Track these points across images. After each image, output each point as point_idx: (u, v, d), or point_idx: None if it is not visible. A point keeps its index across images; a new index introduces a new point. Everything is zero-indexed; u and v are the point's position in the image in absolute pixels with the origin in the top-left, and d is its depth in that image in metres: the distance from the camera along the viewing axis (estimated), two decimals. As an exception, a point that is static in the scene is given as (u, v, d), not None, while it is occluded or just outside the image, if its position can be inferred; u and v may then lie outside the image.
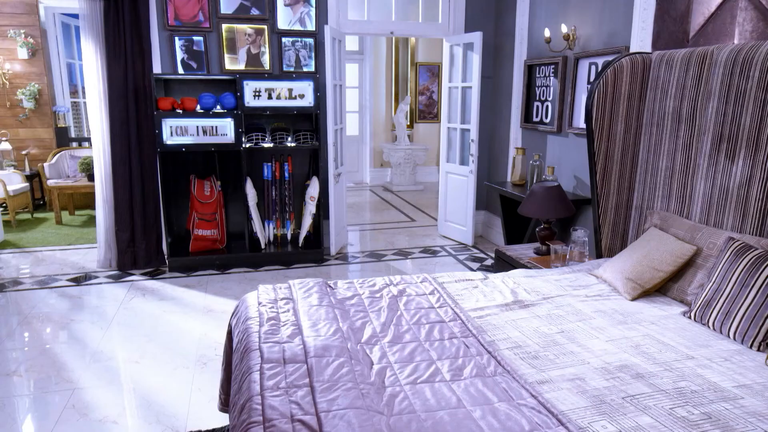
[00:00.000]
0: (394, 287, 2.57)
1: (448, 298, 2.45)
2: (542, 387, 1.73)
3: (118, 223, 4.87)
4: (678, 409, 1.61)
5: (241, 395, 1.72)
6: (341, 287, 2.58)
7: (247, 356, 1.90)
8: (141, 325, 3.76)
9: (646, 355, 1.96)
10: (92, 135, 4.83)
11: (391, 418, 1.54)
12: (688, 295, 2.43)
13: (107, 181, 4.83)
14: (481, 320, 2.26)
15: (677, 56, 2.74)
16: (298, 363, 1.80)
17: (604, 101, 2.89)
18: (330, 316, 2.17)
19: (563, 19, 4.40)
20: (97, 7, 4.58)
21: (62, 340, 3.55)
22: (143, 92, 4.77)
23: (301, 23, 5.15)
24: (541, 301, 2.46)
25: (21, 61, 7.56)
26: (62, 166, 7.41)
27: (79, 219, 6.96)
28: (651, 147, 2.90)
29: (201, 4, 4.91)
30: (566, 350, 2.00)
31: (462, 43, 5.41)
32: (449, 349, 1.97)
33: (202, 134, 4.70)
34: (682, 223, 2.64)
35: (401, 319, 2.22)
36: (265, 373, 1.74)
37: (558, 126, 4.54)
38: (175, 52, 4.94)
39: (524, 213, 3.43)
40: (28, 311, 4.00)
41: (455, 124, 5.67)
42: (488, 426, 1.50)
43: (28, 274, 4.81)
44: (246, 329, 2.13)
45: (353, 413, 1.50)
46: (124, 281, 4.63)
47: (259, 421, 1.50)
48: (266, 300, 2.37)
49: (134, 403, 2.82)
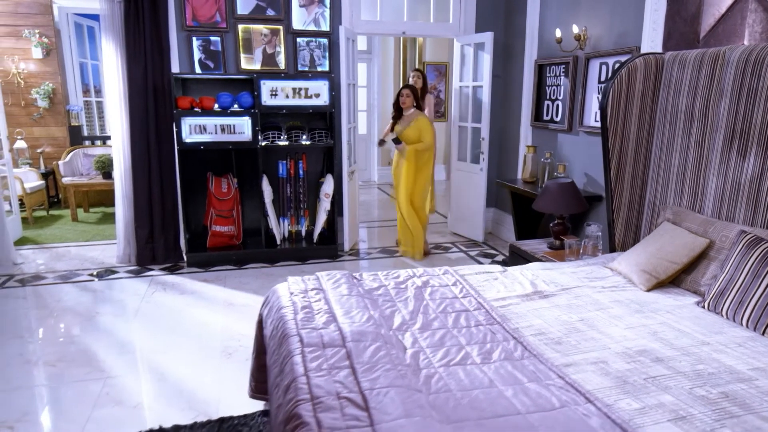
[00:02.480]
0: (418, 279, 2.68)
1: (471, 288, 2.56)
2: (568, 369, 1.84)
3: (137, 220, 4.98)
4: (697, 389, 1.72)
5: (284, 377, 1.83)
6: (367, 279, 2.69)
7: (286, 341, 2.01)
8: (164, 318, 3.87)
9: (663, 341, 2.06)
10: (112, 133, 4.94)
11: (430, 396, 1.64)
12: (701, 286, 2.53)
13: (127, 178, 4.94)
14: (503, 309, 2.36)
15: (690, 56, 2.84)
16: (337, 347, 1.91)
17: (618, 100, 2.99)
18: (361, 305, 2.28)
19: (574, 19, 4.50)
20: (117, 8, 4.69)
21: (90, 331, 3.66)
22: (162, 91, 4.87)
23: (315, 24, 5.26)
24: (559, 291, 2.57)
25: (35, 60, 7.67)
26: (76, 164, 7.53)
27: (94, 216, 7.08)
28: (664, 144, 3.01)
29: (218, 5, 5.02)
30: (587, 336, 2.11)
31: (473, 43, 5.51)
32: (476, 335, 2.08)
33: (220, 132, 4.81)
34: (694, 218, 2.74)
35: (428, 308, 2.33)
36: (306, 356, 1.85)
37: (569, 124, 4.64)
38: (192, 52, 5.05)
39: (539, 208, 3.53)
40: (53, 305, 4.11)
41: (466, 123, 5.77)
42: (521, 403, 1.61)
43: (50, 269, 4.92)
44: (281, 317, 2.23)
45: (395, 391, 1.60)
46: (144, 276, 4.74)
47: (307, 398, 1.61)
48: (297, 290, 2.48)
49: (166, 390, 2.93)
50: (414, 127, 4.97)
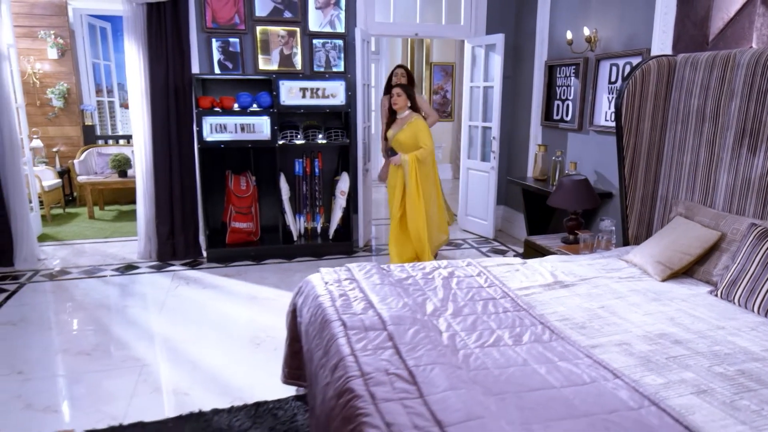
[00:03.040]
0: (444, 270, 2.82)
1: (495, 279, 2.70)
2: (594, 350, 1.98)
3: (158, 217, 5.12)
4: (715, 367, 1.86)
5: (330, 357, 1.96)
6: (395, 270, 2.83)
7: (328, 326, 2.15)
8: (190, 311, 4.00)
9: (681, 326, 2.20)
10: (133, 132, 5.08)
11: (470, 372, 1.78)
12: (713, 276, 2.67)
13: (148, 176, 5.08)
14: (528, 297, 2.50)
15: (701, 59, 2.98)
16: (378, 330, 2.05)
17: (632, 100, 3.13)
18: (394, 293, 2.41)
19: (584, 22, 4.64)
20: (140, 10, 4.82)
21: (120, 323, 3.79)
22: (182, 91, 5.01)
23: (331, 25, 5.40)
24: (579, 282, 2.71)
25: (50, 61, 7.81)
26: (90, 163, 7.66)
27: (110, 214, 7.21)
28: (676, 142, 3.15)
29: (237, 8, 5.15)
30: (609, 322, 2.25)
31: (484, 44, 5.65)
32: (506, 320, 2.22)
33: (240, 131, 4.95)
34: (706, 212, 2.88)
35: (457, 296, 2.47)
36: (351, 338, 1.99)
37: (579, 124, 4.78)
38: (212, 53, 5.18)
39: (554, 204, 3.67)
40: (82, 298, 4.25)
41: (476, 122, 5.91)
42: (554, 379, 1.75)
43: (73, 264, 5.06)
44: (319, 305, 2.37)
45: (439, 368, 1.74)
46: (167, 271, 4.87)
47: (357, 375, 1.74)
48: (331, 280, 2.61)
49: (200, 377, 3.07)
50: (408, 130, 4.44)
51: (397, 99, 4.47)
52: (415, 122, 4.45)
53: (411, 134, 4.43)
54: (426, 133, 4.46)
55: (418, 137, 4.43)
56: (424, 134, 4.45)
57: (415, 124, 4.44)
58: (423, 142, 4.43)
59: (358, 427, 1.52)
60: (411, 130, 4.43)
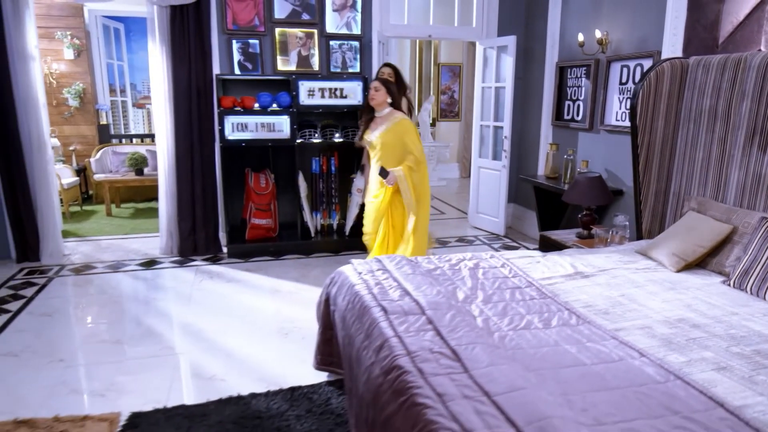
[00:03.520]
0: (469, 261, 2.97)
1: (518, 269, 2.85)
2: (618, 333, 2.12)
3: (180, 213, 5.26)
4: (732, 348, 2.01)
5: (373, 340, 2.11)
6: (422, 261, 2.97)
7: (368, 312, 2.29)
8: (217, 303, 4.15)
9: (697, 312, 2.35)
10: (156, 131, 5.22)
11: (507, 351, 1.93)
12: (725, 267, 2.82)
13: (170, 174, 5.22)
14: (551, 287, 2.65)
15: (713, 61, 3.13)
16: (417, 315, 2.19)
17: (647, 100, 3.28)
18: (426, 282, 2.56)
19: (595, 24, 4.79)
20: (164, 12, 4.96)
21: (151, 315, 3.94)
22: (204, 91, 5.15)
23: (347, 27, 5.54)
24: (598, 272, 2.86)
25: (67, 61, 7.96)
26: (105, 161, 7.81)
27: (127, 211, 7.36)
28: (688, 140, 3.30)
29: (257, 10, 5.30)
30: (630, 308, 2.40)
31: (496, 46, 5.80)
32: (533, 307, 2.37)
33: (261, 130, 5.09)
34: (718, 207, 3.03)
35: (484, 285, 2.62)
36: (393, 321, 2.13)
37: (590, 123, 4.93)
38: (232, 54, 5.33)
39: (569, 200, 3.82)
40: (110, 291, 4.40)
41: (488, 122, 6.06)
42: (585, 357, 1.90)
43: (97, 259, 5.20)
44: (356, 293, 2.52)
45: (479, 347, 1.89)
46: (189, 266, 5.02)
47: (404, 353, 1.89)
48: (365, 270, 2.76)
49: (234, 365, 3.21)
50: (393, 131, 3.83)
51: (375, 94, 3.87)
52: (401, 122, 3.87)
53: (396, 136, 3.84)
54: (414, 135, 3.91)
55: (404, 140, 3.83)
56: (412, 136, 3.88)
57: (401, 125, 3.87)
58: (411, 146, 3.84)
59: (411, 399, 1.66)
60: (396, 131, 3.84)
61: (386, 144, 3.87)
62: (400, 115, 3.93)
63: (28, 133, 4.89)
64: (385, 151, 3.89)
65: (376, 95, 3.88)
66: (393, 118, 3.90)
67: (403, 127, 3.87)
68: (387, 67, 4.56)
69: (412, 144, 3.87)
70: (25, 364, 3.21)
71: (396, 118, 3.90)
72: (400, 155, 3.86)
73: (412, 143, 3.87)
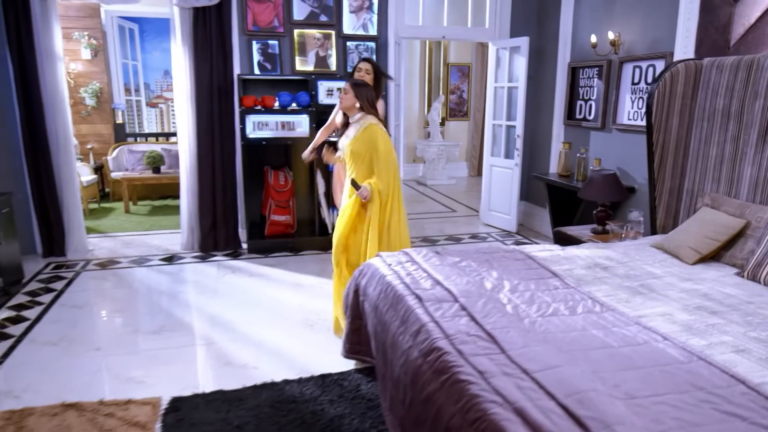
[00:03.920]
0: (492, 254, 3.09)
1: (540, 262, 2.97)
2: (641, 319, 2.25)
3: (201, 210, 5.39)
4: (750, 333, 2.13)
5: (409, 326, 2.24)
6: (447, 254, 3.10)
7: (402, 300, 2.43)
8: (242, 296, 4.28)
9: (714, 300, 2.48)
10: (178, 130, 5.36)
11: (538, 335, 2.06)
12: (739, 259, 2.94)
13: (192, 171, 5.35)
14: (573, 278, 2.78)
15: (727, 62, 3.25)
16: (450, 302, 2.32)
17: (662, 100, 3.41)
18: (455, 272, 2.69)
19: (608, 26, 4.91)
20: (187, 14, 5.10)
21: (179, 307, 4.07)
22: (225, 91, 5.29)
23: (363, 28, 5.67)
24: (616, 265, 2.98)
25: (84, 61, 8.11)
26: (121, 159, 7.96)
27: (144, 208, 7.50)
28: (702, 139, 3.42)
29: (276, 12, 5.43)
30: (650, 297, 2.52)
31: (509, 47, 5.92)
32: (558, 295, 2.50)
33: (280, 129, 5.23)
34: (731, 202, 3.16)
35: (510, 276, 2.75)
36: (428, 308, 2.26)
37: (602, 123, 5.05)
38: (252, 55, 5.46)
39: (585, 197, 3.95)
40: (137, 285, 4.53)
41: (500, 121, 6.19)
42: (612, 340, 2.02)
43: (121, 254, 5.35)
44: (388, 283, 2.65)
45: (513, 330, 2.02)
46: (211, 261, 5.15)
47: (442, 336, 2.02)
48: (394, 262, 2.89)
49: (264, 354, 3.34)
50: (362, 138, 3.34)
51: (343, 96, 3.44)
52: (369, 128, 3.34)
53: (364, 144, 3.35)
54: (383, 145, 3.35)
55: (370, 148, 3.34)
56: (380, 145, 3.34)
57: (369, 131, 3.34)
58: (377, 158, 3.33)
59: (453, 377, 1.79)
60: (364, 138, 3.35)
61: (354, 153, 3.38)
62: (370, 120, 3.38)
63: (55, 131, 5.03)
64: (354, 161, 3.41)
65: (344, 98, 3.43)
66: (362, 122, 3.38)
67: (371, 134, 3.33)
68: (365, 62, 4.16)
69: (377, 155, 3.33)
70: (65, 352, 3.35)
71: (364, 124, 3.37)
72: (368, 164, 3.38)
73: (378, 155, 3.33)
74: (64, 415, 2.67)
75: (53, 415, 2.67)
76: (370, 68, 4.09)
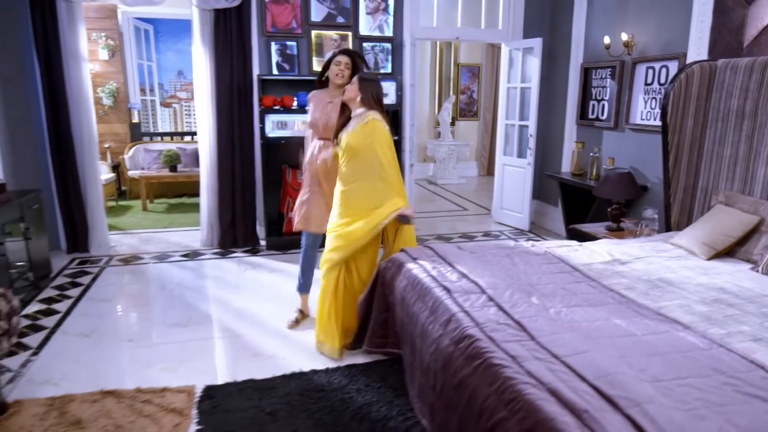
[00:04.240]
0: (513, 249, 3.20)
1: (560, 257, 3.07)
2: (661, 310, 2.35)
3: (220, 207, 5.51)
4: (766, 323, 2.23)
5: (439, 315, 2.35)
6: (469, 249, 3.20)
7: (430, 292, 2.53)
8: (264, 291, 4.39)
9: (731, 293, 2.57)
10: (198, 129, 5.47)
11: (564, 324, 2.16)
12: (753, 255, 3.04)
13: (212, 169, 5.47)
14: (593, 271, 2.88)
15: (741, 64, 3.35)
16: (478, 293, 2.43)
17: (677, 101, 3.50)
18: (478, 266, 2.80)
19: (621, 27, 5.00)
20: (208, 16, 5.22)
21: (203, 301, 4.19)
22: (244, 91, 5.41)
23: (379, 29, 5.78)
24: (633, 260, 3.08)
25: (101, 61, 8.24)
26: (137, 158, 8.09)
27: (161, 206, 7.63)
28: (716, 138, 3.51)
29: (294, 13, 5.55)
30: (668, 290, 2.62)
31: (522, 48, 6.02)
32: (580, 288, 2.60)
33: (299, 128, 5.34)
34: (745, 200, 3.25)
35: (532, 269, 2.85)
36: (457, 299, 2.37)
37: (615, 122, 5.14)
38: (271, 55, 5.58)
39: (601, 195, 4.04)
40: (161, 280, 4.65)
41: (513, 121, 6.29)
42: (635, 329, 2.12)
43: (143, 251, 5.47)
44: (414, 276, 2.75)
45: (541, 319, 2.12)
46: (231, 257, 5.27)
47: (473, 325, 2.13)
48: (419, 256, 2.99)
49: (290, 345, 3.45)
50: (361, 133, 3.05)
51: (350, 88, 3.16)
52: (372, 123, 3.06)
53: (363, 137, 3.05)
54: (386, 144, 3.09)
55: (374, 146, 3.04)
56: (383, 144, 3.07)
57: (372, 125, 3.05)
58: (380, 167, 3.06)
59: (486, 361, 1.90)
60: (365, 131, 3.05)
61: (350, 147, 3.05)
62: (372, 115, 3.08)
63: (80, 130, 5.16)
64: (348, 156, 3.08)
65: (349, 88, 3.16)
66: (363, 117, 3.09)
67: (372, 129, 3.04)
68: (344, 55, 3.50)
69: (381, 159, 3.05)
70: (97, 343, 3.47)
71: (365, 118, 3.07)
72: (368, 166, 3.05)
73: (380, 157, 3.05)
74: (103, 402, 2.79)
75: (93, 402, 2.79)
76: (349, 62, 3.47)
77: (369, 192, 3.07)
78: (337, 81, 3.46)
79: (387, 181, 3.09)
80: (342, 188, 3.16)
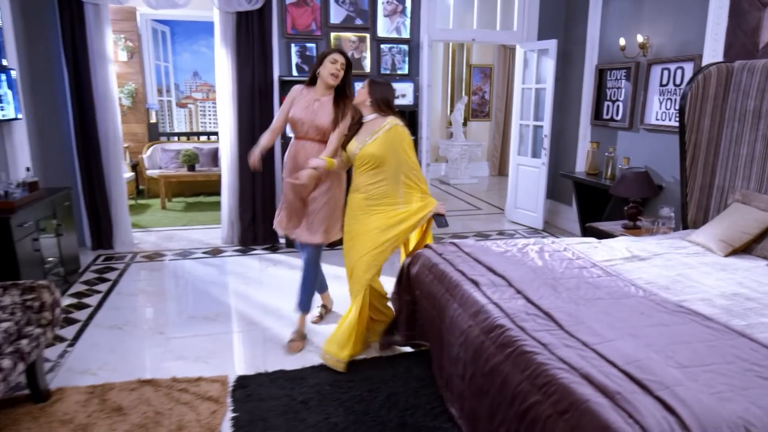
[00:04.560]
0: (534, 246, 3.29)
1: (580, 253, 3.16)
2: (683, 303, 2.44)
3: (241, 206, 5.63)
4: (786, 316, 2.31)
5: (468, 307, 2.45)
6: (491, 246, 3.30)
7: (459, 285, 2.63)
8: (287, 287, 4.49)
9: (749, 288, 2.66)
10: (220, 129, 5.60)
11: (590, 315, 2.25)
12: (770, 252, 3.12)
13: (232, 168, 5.59)
14: (613, 267, 2.97)
15: (758, 65, 3.43)
16: (505, 286, 2.53)
17: (694, 101, 3.58)
18: (502, 261, 2.89)
19: (636, 29, 5.08)
20: (230, 18, 5.34)
21: (228, 296, 4.30)
22: (265, 91, 5.52)
23: (397, 31, 5.89)
24: (652, 256, 3.17)
25: (120, 62, 8.38)
26: (155, 158, 8.24)
27: (179, 205, 7.76)
28: (733, 138, 3.59)
29: (314, 16, 5.66)
30: (688, 285, 2.71)
31: (537, 49, 6.11)
32: (602, 283, 2.69)
33: (318, 128, 5.44)
34: (762, 198, 3.33)
35: (553, 265, 2.94)
36: (485, 292, 2.47)
37: (630, 123, 5.22)
38: (290, 57, 5.70)
39: (617, 194, 4.13)
40: (186, 275, 4.78)
41: (528, 121, 6.37)
42: (658, 321, 2.21)
43: (165, 248, 5.60)
44: (442, 271, 2.85)
45: (568, 310, 2.22)
46: (252, 254, 5.39)
47: (502, 315, 2.22)
48: (444, 252, 3.09)
49: (317, 338, 3.54)
50: (386, 142, 3.04)
51: (360, 91, 3.12)
52: (394, 129, 3.04)
53: (390, 145, 3.05)
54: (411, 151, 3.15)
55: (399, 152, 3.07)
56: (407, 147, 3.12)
57: (395, 132, 3.04)
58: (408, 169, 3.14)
59: (518, 349, 1.99)
60: (390, 139, 3.03)
61: (375, 157, 3.05)
62: (394, 120, 3.06)
63: (105, 129, 5.29)
64: (372, 166, 3.09)
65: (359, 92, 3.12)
66: (383, 124, 3.05)
67: (396, 136, 3.05)
68: (341, 55, 3.27)
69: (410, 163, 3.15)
70: (130, 335, 3.59)
71: (386, 125, 3.04)
72: (394, 174, 3.10)
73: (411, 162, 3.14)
74: (141, 390, 2.90)
75: (132, 390, 2.90)
76: (344, 63, 3.28)
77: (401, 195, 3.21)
78: (331, 81, 3.25)
79: (416, 182, 3.23)
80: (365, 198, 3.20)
